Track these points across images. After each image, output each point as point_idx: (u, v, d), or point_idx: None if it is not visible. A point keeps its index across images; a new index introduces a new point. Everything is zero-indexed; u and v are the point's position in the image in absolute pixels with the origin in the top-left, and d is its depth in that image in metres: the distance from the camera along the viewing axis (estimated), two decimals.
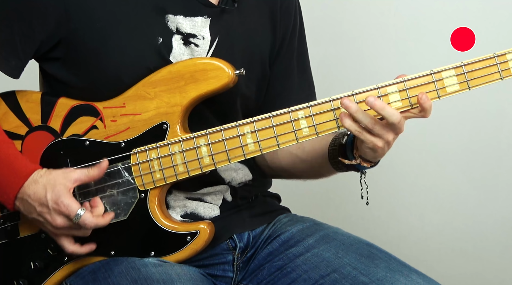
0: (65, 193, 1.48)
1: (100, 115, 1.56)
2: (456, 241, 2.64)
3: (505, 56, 1.46)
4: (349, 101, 1.44)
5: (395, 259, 1.56)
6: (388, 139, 1.45)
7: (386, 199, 2.58)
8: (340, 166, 1.59)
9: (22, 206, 1.50)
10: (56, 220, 1.48)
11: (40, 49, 1.55)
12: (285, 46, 1.72)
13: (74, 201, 1.48)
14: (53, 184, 1.48)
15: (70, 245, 1.52)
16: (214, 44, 1.60)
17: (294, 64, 1.75)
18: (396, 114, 1.43)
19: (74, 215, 1.47)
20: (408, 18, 2.47)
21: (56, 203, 1.47)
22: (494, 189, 2.59)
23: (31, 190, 1.48)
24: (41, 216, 1.49)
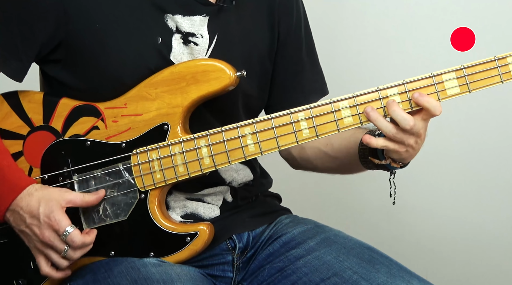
0: (58, 209, 1.48)
1: (102, 115, 1.57)
2: (458, 245, 2.63)
3: (506, 59, 1.46)
4: (370, 109, 1.46)
5: (396, 264, 1.55)
6: (410, 143, 1.46)
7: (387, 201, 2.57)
8: (370, 165, 1.59)
9: (12, 217, 1.50)
10: (44, 234, 1.48)
11: (41, 51, 1.56)
12: (291, 41, 1.72)
13: (66, 218, 1.48)
14: (48, 199, 1.49)
15: (46, 266, 1.51)
16: (213, 43, 1.60)
17: (304, 57, 1.75)
18: (408, 119, 1.44)
19: (63, 230, 1.47)
20: (408, 18, 2.47)
21: (47, 217, 1.47)
22: (494, 190, 2.58)
23: (24, 202, 1.49)
24: (29, 228, 1.49)
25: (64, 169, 1.57)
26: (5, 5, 1.54)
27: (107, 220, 1.55)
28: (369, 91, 1.49)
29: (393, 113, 1.45)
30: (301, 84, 1.75)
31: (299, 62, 1.74)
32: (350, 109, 1.49)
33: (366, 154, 1.57)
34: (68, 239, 1.47)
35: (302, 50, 1.74)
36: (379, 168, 1.59)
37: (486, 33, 2.20)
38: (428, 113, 1.45)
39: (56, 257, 1.50)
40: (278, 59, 1.72)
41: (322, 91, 1.79)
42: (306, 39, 1.76)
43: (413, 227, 2.63)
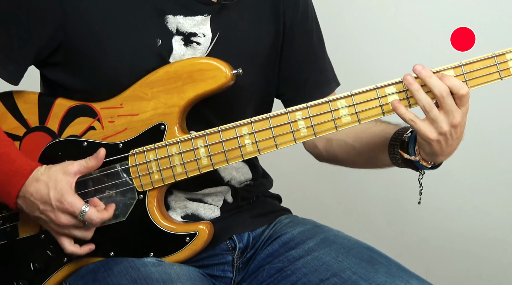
0: (68, 190, 1.47)
1: (98, 116, 1.56)
2: (458, 244, 2.63)
3: (505, 56, 1.45)
4: (412, 79, 1.42)
5: (395, 264, 1.55)
6: (443, 128, 1.40)
7: (386, 201, 2.58)
8: (399, 161, 1.54)
9: (24, 204, 1.50)
10: (60, 218, 1.48)
11: (39, 54, 1.54)
12: (298, 31, 1.69)
13: (77, 198, 1.48)
14: (55, 181, 1.48)
15: (70, 245, 1.52)
16: (214, 41, 1.58)
17: (316, 46, 1.73)
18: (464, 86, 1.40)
19: (79, 211, 1.46)
20: (408, 18, 2.46)
21: (59, 201, 1.47)
22: (495, 190, 2.58)
23: (33, 188, 1.48)
24: (44, 214, 1.49)
25: None
26: (3, 8, 1.52)
27: (106, 221, 1.55)
28: (366, 90, 1.48)
29: (448, 82, 1.40)
30: (314, 75, 1.73)
31: (310, 52, 1.72)
32: (348, 108, 1.48)
33: (396, 149, 1.54)
34: (87, 218, 1.47)
35: (312, 39, 1.72)
36: (408, 166, 1.54)
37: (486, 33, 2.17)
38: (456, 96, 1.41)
39: (79, 232, 1.50)
40: (286, 51, 1.69)
41: (336, 81, 1.77)
42: (315, 29, 1.74)
43: (412, 227, 2.63)
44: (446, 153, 1.47)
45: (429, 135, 1.42)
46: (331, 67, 1.78)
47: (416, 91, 1.42)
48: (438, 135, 1.42)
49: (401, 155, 1.52)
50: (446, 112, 1.41)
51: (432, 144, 1.43)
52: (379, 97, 1.47)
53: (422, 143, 1.46)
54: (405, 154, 1.51)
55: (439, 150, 1.45)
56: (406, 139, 1.52)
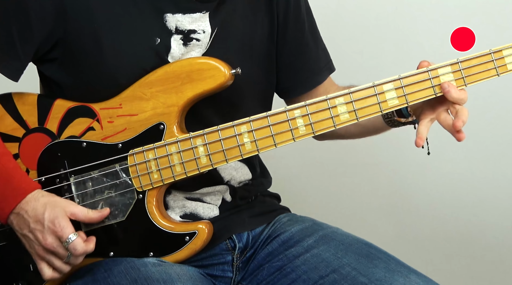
0: (63, 216, 1.48)
1: (97, 116, 1.56)
2: (456, 239, 2.64)
3: (502, 52, 1.46)
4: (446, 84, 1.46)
5: (394, 259, 1.55)
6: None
7: (386, 200, 2.58)
8: (396, 123, 1.60)
9: (15, 220, 1.50)
10: (46, 239, 1.47)
11: (38, 50, 1.55)
12: (291, 21, 1.70)
13: (70, 225, 1.48)
14: (53, 205, 1.48)
15: (49, 271, 1.51)
16: (213, 36, 1.59)
17: (308, 37, 1.74)
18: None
19: (66, 237, 1.46)
20: (408, 18, 2.47)
21: (52, 222, 1.47)
22: (494, 189, 2.59)
23: (30, 206, 1.48)
24: (32, 233, 1.48)
25: (60, 170, 1.57)
26: (3, 4, 1.53)
27: (106, 221, 1.55)
28: (364, 87, 1.49)
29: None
30: (308, 64, 1.74)
31: (302, 42, 1.73)
32: (346, 105, 1.49)
33: (391, 115, 1.58)
34: (70, 247, 1.46)
35: (304, 30, 1.73)
36: (405, 124, 1.60)
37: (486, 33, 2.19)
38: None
39: (58, 263, 1.50)
40: (280, 40, 1.70)
41: (329, 69, 1.78)
42: (307, 18, 1.75)
43: (411, 224, 2.64)
44: None
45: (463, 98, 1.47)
46: (324, 55, 1.78)
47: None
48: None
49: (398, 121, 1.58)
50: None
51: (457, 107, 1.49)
52: (377, 94, 1.48)
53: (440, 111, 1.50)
54: (402, 119, 1.57)
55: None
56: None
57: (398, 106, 1.48)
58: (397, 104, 1.48)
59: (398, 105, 1.48)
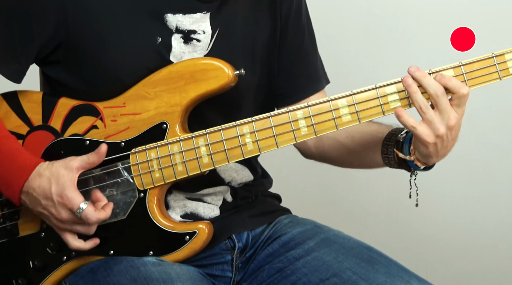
0: (70, 186, 1.48)
1: (101, 115, 1.57)
2: (457, 244, 2.63)
3: (504, 56, 1.46)
4: (411, 81, 1.44)
5: (395, 264, 1.54)
6: (439, 131, 1.43)
7: (386, 200, 2.58)
8: (392, 161, 1.56)
9: (28, 199, 1.51)
10: (61, 213, 1.48)
11: (40, 53, 1.56)
12: (292, 26, 1.70)
13: (78, 194, 1.48)
14: (57, 176, 1.48)
15: (74, 240, 1.52)
16: (214, 37, 1.60)
17: (308, 44, 1.74)
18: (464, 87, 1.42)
19: (77, 208, 1.47)
20: (408, 18, 2.48)
21: (60, 196, 1.47)
22: (495, 190, 2.58)
23: (36, 183, 1.49)
24: (46, 209, 1.49)
25: None
26: (5, 7, 1.54)
27: (106, 219, 1.55)
28: (367, 89, 1.49)
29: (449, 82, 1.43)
30: (306, 71, 1.74)
31: (302, 48, 1.73)
32: (349, 107, 1.49)
33: (390, 148, 1.56)
34: (83, 216, 1.47)
35: (304, 36, 1.73)
36: (400, 166, 1.56)
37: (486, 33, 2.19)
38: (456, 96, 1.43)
39: (81, 228, 1.50)
40: (281, 44, 1.71)
41: (326, 78, 1.78)
42: (307, 26, 1.75)
43: (413, 226, 2.63)
44: (440, 154, 1.50)
45: (427, 139, 1.44)
46: (321, 64, 1.79)
47: (413, 93, 1.45)
48: (435, 138, 1.45)
49: (396, 155, 1.54)
50: (441, 111, 1.43)
51: (429, 146, 1.46)
52: (379, 96, 1.48)
53: (418, 145, 1.48)
54: (400, 153, 1.53)
55: (434, 152, 1.48)
56: (401, 140, 1.54)
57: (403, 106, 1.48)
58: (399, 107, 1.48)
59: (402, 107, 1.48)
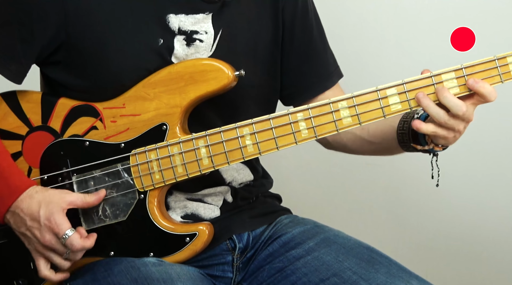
0: (59, 212, 1.48)
1: (100, 116, 1.56)
2: (457, 244, 2.63)
3: (506, 59, 1.45)
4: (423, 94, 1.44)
5: (396, 264, 1.55)
6: (459, 129, 1.46)
7: (386, 200, 2.57)
8: (411, 149, 1.58)
9: (12, 219, 1.50)
10: (44, 237, 1.48)
11: (41, 54, 1.55)
12: (298, 26, 1.70)
13: (66, 221, 1.48)
14: (48, 201, 1.49)
15: (45, 268, 1.52)
16: (218, 38, 1.59)
17: (316, 42, 1.74)
18: (461, 105, 1.43)
19: (63, 233, 1.47)
20: (408, 18, 2.46)
21: (48, 220, 1.47)
22: (495, 191, 2.58)
23: (25, 204, 1.49)
24: (29, 231, 1.49)
25: (63, 169, 1.57)
26: (5, 8, 1.53)
27: (107, 221, 1.56)
28: (368, 92, 1.49)
29: (445, 100, 1.43)
30: (316, 68, 1.74)
31: (310, 46, 1.72)
32: (349, 109, 1.49)
33: (406, 138, 1.56)
34: (68, 243, 1.47)
35: (312, 33, 1.72)
36: (420, 151, 1.58)
37: (486, 33, 2.18)
38: (482, 99, 1.44)
39: (58, 259, 1.50)
40: (287, 46, 1.70)
41: (338, 73, 1.78)
42: (315, 23, 1.74)
43: (413, 227, 2.63)
44: (457, 138, 1.52)
45: (448, 138, 1.48)
46: (333, 60, 1.78)
47: (427, 107, 1.45)
48: (455, 132, 1.47)
49: (414, 147, 1.55)
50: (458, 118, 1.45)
51: (449, 139, 1.48)
52: (380, 98, 1.48)
53: (437, 138, 1.50)
54: (418, 146, 1.54)
55: (452, 141, 1.51)
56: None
57: (401, 111, 1.48)
58: (400, 109, 1.48)
59: (401, 110, 1.48)
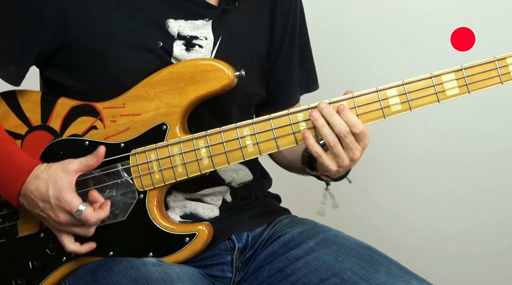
0: (67, 188, 1.48)
1: (100, 115, 1.56)
2: (457, 244, 2.64)
3: (505, 60, 1.46)
4: (317, 114, 1.46)
5: (395, 264, 1.55)
6: (344, 163, 1.47)
7: (386, 200, 2.58)
8: (307, 171, 1.63)
9: (26, 201, 1.50)
10: (59, 216, 1.48)
11: (40, 56, 1.55)
12: (286, 41, 1.72)
13: (75, 197, 1.48)
14: (55, 179, 1.48)
15: (70, 243, 1.52)
16: (217, 44, 1.60)
17: (295, 58, 1.76)
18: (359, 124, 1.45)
19: (76, 210, 1.46)
20: (408, 18, 2.47)
21: (57, 199, 1.47)
22: (494, 191, 2.59)
23: (33, 185, 1.48)
24: (44, 212, 1.49)
25: None
26: (4, 10, 1.53)
27: (106, 220, 1.55)
28: (368, 92, 1.49)
29: (346, 117, 1.45)
30: (290, 84, 1.76)
31: (291, 62, 1.75)
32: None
33: (305, 160, 1.61)
34: (82, 218, 1.47)
35: (295, 50, 1.75)
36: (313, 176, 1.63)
37: (486, 33, 2.19)
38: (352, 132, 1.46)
39: (79, 230, 1.50)
40: (274, 59, 1.72)
41: (306, 88, 1.80)
42: (299, 38, 1.76)
43: (413, 226, 2.64)
44: (342, 174, 1.57)
45: (330, 167, 1.48)
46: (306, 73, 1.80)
47: (321, 127, 1.46)
48: (338, 167, 1.48)
49: (305, 170, 1.61)
50: (347, 149, 1.46)
51: (332, 171, 1.49)
52: (380, 99, 1.48)
53: (321, 168, 1.53)
54: (307, 169, 1.59)
55: (336, 174, 1.54)
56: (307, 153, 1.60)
57: (401, 112, 1.48)
58: (400, 110, 1.48)
59: (401, 111, 1.48)
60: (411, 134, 2.38)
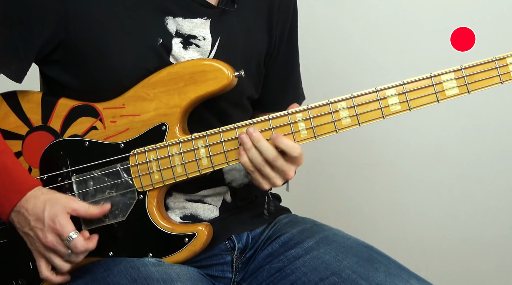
0: (63, 213, 1.48)
1: (100, 116, 1.56)
2: (457, 243, 2.63)
3: (505, 60, 1.46)
4: (246, 137, 1.47)
5: (395, 263, 1.55)
6: (276, 183, 1.48)
7: (386, 200, 2.58)
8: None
9: (16, 218, 1.50)
10: (47, 237, 1.48)
11: (41, 52, 1.56)
12: (284, 44, 1.73)
13: (70, 223, 1.48)
14: (54, 203, 1.49)
15: (46, 270, 1.52)
16: (216, 45, 1.60)
17: (293, 61, 1.77)
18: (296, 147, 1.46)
19: (67, 236, 1.47)
20: (408, 18, 2.47)
21: (52, 221, 1.47)
22: (494, 191, 2.58)
23: (30, 204, 1.49)
24: (33, 230, 1.49)
25: (63, 169, 1.57)
26: (5, 6, 1.53)
27: (106, 221, 1.56)
28: (367, 92, 1.49)
29: (281, 144, 1.46)
30: (286, 88, 1.77)
31: (289, 66, 1.76)
32: (348, 110, 1.49)
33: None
34: (72, 245, 1.47)
35: (293, 54, 1.76)
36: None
37: (486, 33, 2.18)
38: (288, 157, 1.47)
39: (58, 261, 1.50)
40: (271, 61, 1.73)
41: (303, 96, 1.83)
42: (294, 43, 1.77)
43: (412, 226, 2.63)
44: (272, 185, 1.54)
45: (263, 186, 1.50)
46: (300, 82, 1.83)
47: (248, 150, 1.47)
48: (271, 185, 1.50)
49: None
50: (278, 171, 1.48)
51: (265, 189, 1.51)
52: (379, 99, 1.48)
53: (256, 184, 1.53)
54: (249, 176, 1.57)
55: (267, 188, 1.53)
56: None
57: (400, 112, 1.48)
58: (399, 110, 1.48)
59: (400, 111, 1.48)
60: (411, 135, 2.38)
